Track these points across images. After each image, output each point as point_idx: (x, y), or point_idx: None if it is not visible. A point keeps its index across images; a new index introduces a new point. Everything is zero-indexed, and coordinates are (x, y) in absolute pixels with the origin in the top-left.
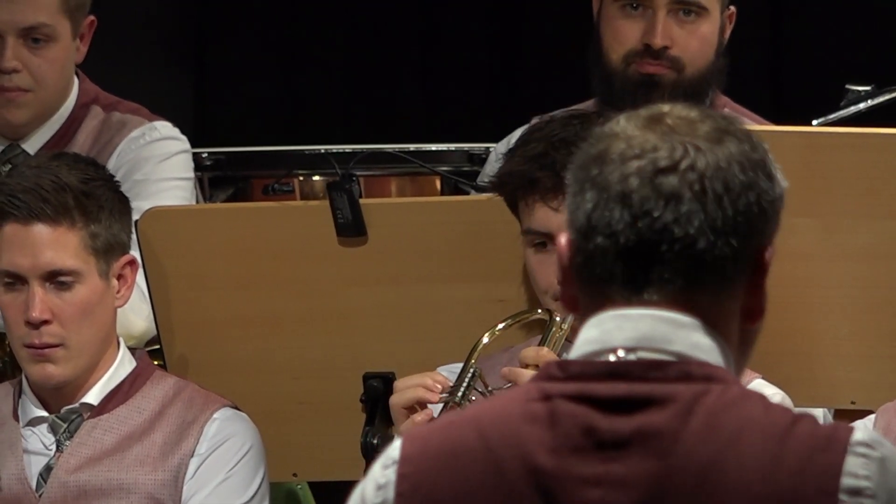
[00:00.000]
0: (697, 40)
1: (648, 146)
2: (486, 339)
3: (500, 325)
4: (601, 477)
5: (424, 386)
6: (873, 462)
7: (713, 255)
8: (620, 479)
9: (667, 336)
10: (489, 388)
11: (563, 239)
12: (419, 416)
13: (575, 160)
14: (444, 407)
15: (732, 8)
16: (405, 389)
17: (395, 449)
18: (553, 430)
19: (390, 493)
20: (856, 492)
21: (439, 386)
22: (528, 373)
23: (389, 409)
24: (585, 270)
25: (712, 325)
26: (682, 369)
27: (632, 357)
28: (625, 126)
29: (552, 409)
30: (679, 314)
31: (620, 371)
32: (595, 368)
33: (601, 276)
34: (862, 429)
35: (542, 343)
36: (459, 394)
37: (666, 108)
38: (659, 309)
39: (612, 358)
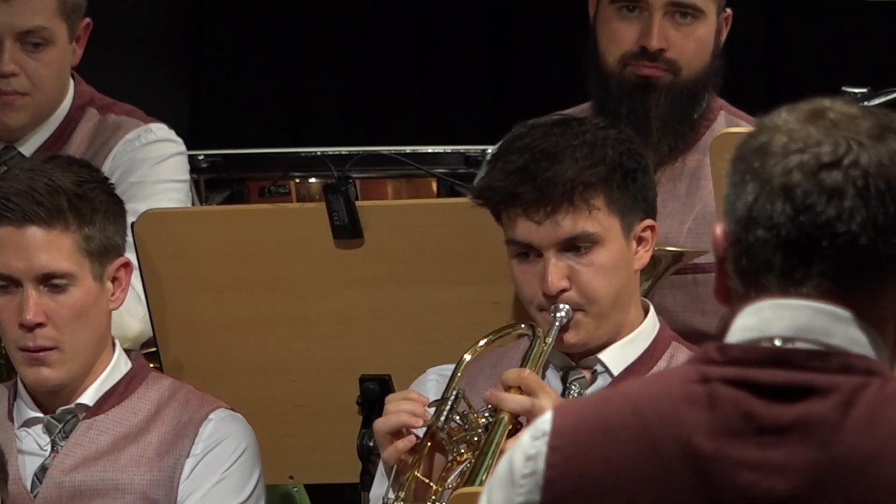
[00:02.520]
0: (693, 42)
1: (812, 140)
2: (468, 357)
3: (483, 341)
4: (759, 462)
5: (409, 411)
6: None
7: (874, 253)
8: (779, 465)
9: (826, 328)
10: (473, 410)
11: (718, 230)
12: (401, 444)
13: (735, 150)
14: (426, 431)
15: (729, 10)
16: (389, 415)
17: (545, 421)
18: (712, 413)
19: (540, 465)
20: None
21: (422, 408)
22: (510, 397)
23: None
24: (743, 261)
25: (869, 322)
26: (844, 361)
27: (789, 346)
28: (786, 119)
29: (711, 392)
30: (838, 307)
31: (781, 358)
32: (755, 354)
33: (759, 268)
34: None
35: (524, 362)
36: (441, 418)
37: (828, 102)
38: (818, 301)
39: (772, 346)
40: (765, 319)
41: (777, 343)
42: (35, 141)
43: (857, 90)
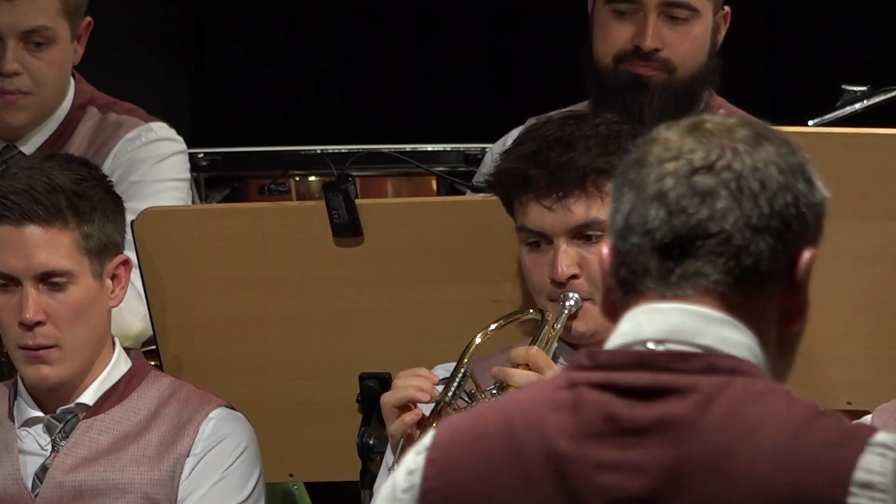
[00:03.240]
0: (688, 42)
1: (686, 148)
2: (478, 340)
3: (493, 326)
4: (618, 462)
5: (416, 386)
6: (890, 461)
7: (748, 252)
8: (636, 465)
9: (696, 329)
10: (481, 389)
11: (605, 248)
12: (408, 417)
13: (616, 169)
14: (434, 407)
15: (727, 8)
16: (397, 388)
17: (428, 436)
18: (575, 417)
19: (417, 478)
20: (868, 485)
21: (431, 385)
22: (518, 372)
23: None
24: (622, 270)
25: (745, 322)
26: (708, 361)
27: (660, 349)
28: (665, 133)
29: (576, 397)
30: (710, 309)
31: (646, 361)
32: (622, 358)
33: (636, 273)
34: (886, 432)
35: (533, 342)
36: (450, 394)
37: (707, 116)
38: (691, 303)
39: (640, 349)
40: (638, 324)
41: (650, 346)
42: (36, 140)
43: (856, 88)
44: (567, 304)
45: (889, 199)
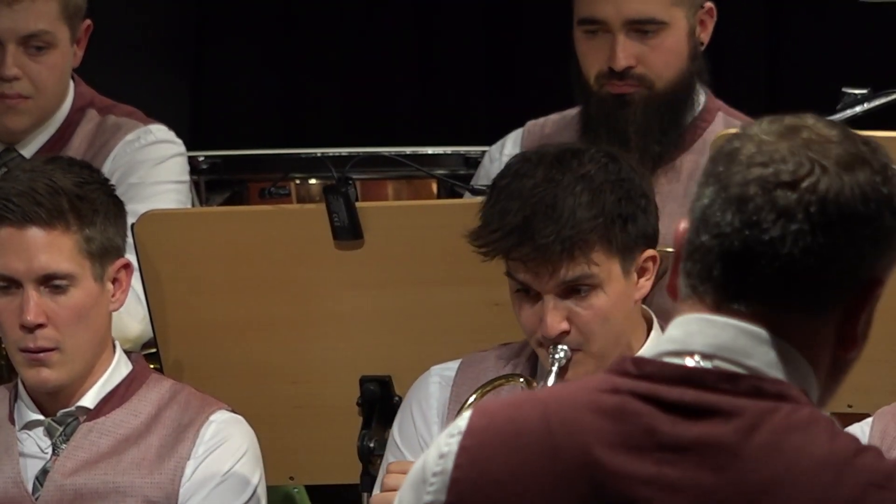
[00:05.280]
0: (662, 54)
1: (777, 156)
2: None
3: (472, 398)
4: (653, 478)
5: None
6: None
7: (811, 279)
8: (672, 483)
9: (746, 349)
10: None
11: (682, 225)
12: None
13: (711, 152)
14: None
15: (708, 4)
16: (400, 474)
17: (463, 419)
18: (616, 425)
19: (450, 463)
20: None
21: None
22: None
23: (386, 411)
24: (689, 262)
25: (798, 347)
26: (755, 384)
27: (707, 364)
28: (763, 129)
29: (619, 404)
30: (764, 329)
31: (693, 378)
32: (668, 371)
33: (700, 273)
34: None
35: None
36: None
37: (811, 121)
38: (745, 321)
39: (688, 362)
40: (689, 334)
41: (696, 359)
42: (36, 143)
43: (857, 91)
44: (556, 356)
45: None
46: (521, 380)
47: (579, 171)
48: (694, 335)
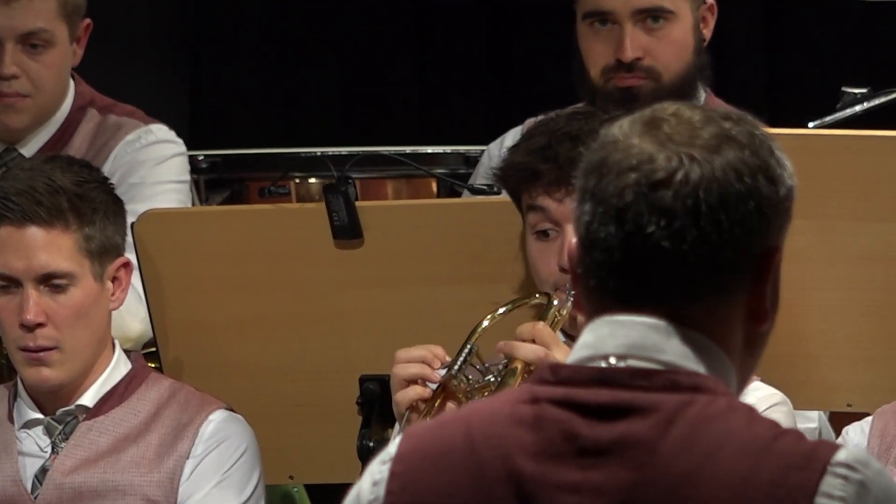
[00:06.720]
0: (669, 46)
1: (644, 157)
2: (486, 322)
3: (501, 310)
4: (579, 484)
5: (425, 361)
6: (852, 484)
7: (707, 269)
8: (597, 487)
9: (658, 345)
10: (486, 365)
11: (573, 240)
12: (414, 391)
13: (579, 166)
14: (440, 381)
15: (710, 0)
16: (408, 363)
17: (393, 445)
18: (536, 435)
19: (381, 490)
20: None
21: (438, 362)
22: (524, 345)
23: (385, 411)
24: (584, 280)
25: (709, 335)
26: (669, 379)
27: (622, 364)
28: (624, 131)
29: (538, 413)
30: (672, 324)
31: (607, 378)
32: (584, 374)
33: (598, 288)
34: (849, 449)
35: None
36: (455, 368)
37: (670, 109)
38: (653, 317)
39: (602, 364)
40: (600, 338)
41: (612, 360)
42: (36, 142)
43: (856, 90)
44: (573, 292)
45: (889, 202)
46: (538, 295)
47: (602, 117)
48: (605, 338)
